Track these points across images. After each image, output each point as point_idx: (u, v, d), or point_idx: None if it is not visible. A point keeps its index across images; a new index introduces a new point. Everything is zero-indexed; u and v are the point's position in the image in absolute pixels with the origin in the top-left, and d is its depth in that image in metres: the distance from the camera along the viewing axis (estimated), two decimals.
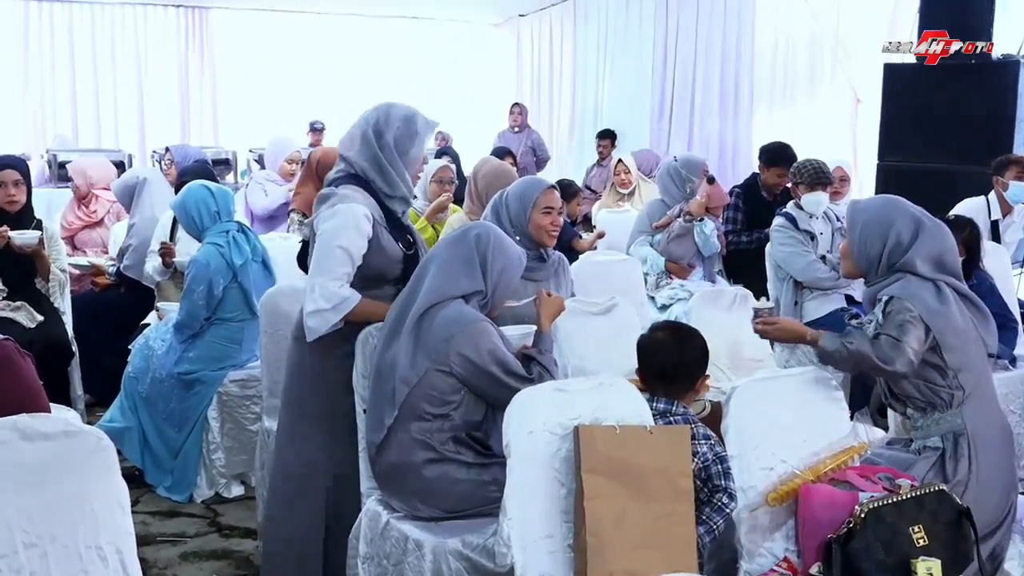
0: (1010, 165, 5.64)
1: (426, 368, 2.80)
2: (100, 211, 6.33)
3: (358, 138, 3.20)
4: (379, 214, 3.15)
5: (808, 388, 2.88)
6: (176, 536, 4.09)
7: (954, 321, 2.93)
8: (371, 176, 3.17)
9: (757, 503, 2.68)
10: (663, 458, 2.52)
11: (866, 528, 2.48)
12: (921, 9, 6.84)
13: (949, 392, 2.92)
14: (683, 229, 5.62)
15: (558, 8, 12.83)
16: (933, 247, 3.00)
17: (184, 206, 4.55)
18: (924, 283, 2.96)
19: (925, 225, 3.03)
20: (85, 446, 2.16)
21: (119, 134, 12.16)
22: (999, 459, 2.94)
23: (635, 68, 11.38)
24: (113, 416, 4.51)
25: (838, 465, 2.75)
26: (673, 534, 2.48)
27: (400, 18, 13.36)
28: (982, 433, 2.92)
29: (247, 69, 12.73)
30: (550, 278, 3.72)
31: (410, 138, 3.19)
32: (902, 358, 2.82)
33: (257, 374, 4.22)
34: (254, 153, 9.46)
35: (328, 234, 3.06)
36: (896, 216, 3.04)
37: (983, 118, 6.44)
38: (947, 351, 2.90)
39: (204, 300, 4.34)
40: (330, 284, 3.04)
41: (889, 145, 6.97)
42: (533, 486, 2.48)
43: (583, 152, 11.27)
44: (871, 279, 3.10)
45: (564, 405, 2.53)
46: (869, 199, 3.33)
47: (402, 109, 3.23)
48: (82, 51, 12.05)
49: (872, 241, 3.04)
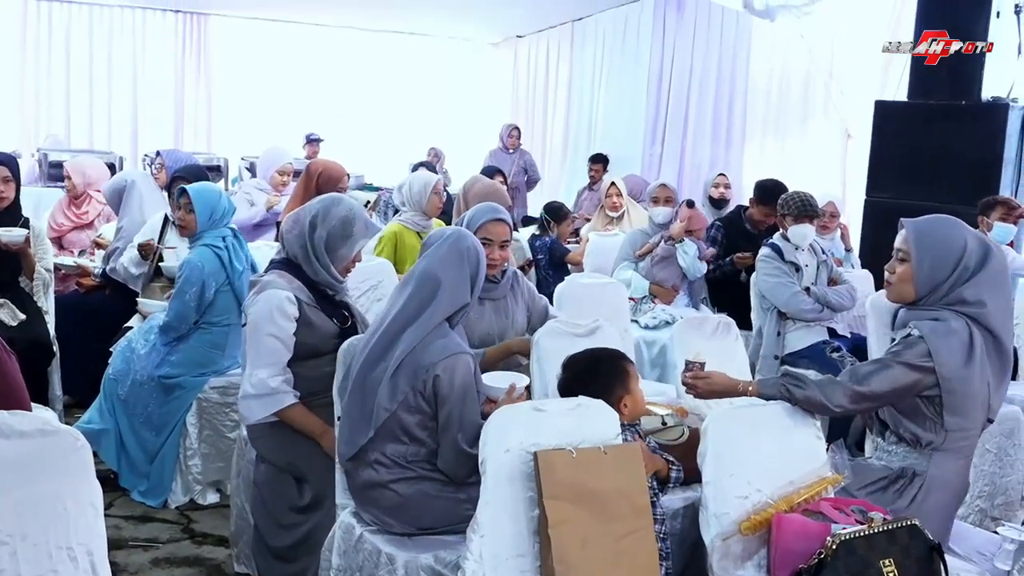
0: (996, 206, 5.71)
1: (405, 394, 2.82)
2: (91, 213, 6.31)
3: (298, 223, 3.38)
4: (307, 295, 3.32)
5: (785, 418, 2.88)
6: (148, 541, 4.07)
7: (972, 386, 2.85)
8: (300, 262, 3.36)
9: (730, 531, 2.67)
10: (620, 477, 2.53)
11: (837, 560, 2.48)
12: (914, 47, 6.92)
13: (929, 439, 2.92)
14: (666, 252, 5.71)
15: (556, 31, 12.91)
16: (996, 273, 2.90)
17: (210, 195, 4.51)
18: (961, 332, 2.83)
19: (992, 251, 2.93)
20: (61, 446, 2.16)
21: (111, 136, 12.14)
22: (940, 512, 2.93)
23: (630, 93, 11.45)
24: (91, 418, 4.50)
25: (812, 496, 2.76)
26: (637, 552, 2.50)
27: (399, 33, 13.41)
28: (939, 484, 2.92)
29: (243, 77, 12.74)
30: (506, 295, 3.79)
31: (343, 239, 3.36)
32: (844, 394, 2.80)
33: (238, 381, 4.20)
34: (246, 161, 9.47)
35: (255, 323, 3.25)
36: (968, 239, 2.92)
37: (971, 159, 6.51)
38: (949, 412, 2.86)
39: (196, 302, 4.33)
40: (260, 373, 3.24)
41: (877, 181, 7.04)
42: (506, 505, 2.48)
43: (575, 174, 11.31)
44: (920, 305, 2.94)
45: (542, 425, 2.54)
46: (931, 218, 3.06)
47: (344, 209, 3.38)
48: (78, 52, 12.04)
49: (943, 267, 2.89)
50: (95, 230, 6.23)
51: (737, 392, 3.03)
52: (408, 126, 13.11)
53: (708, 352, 3.68)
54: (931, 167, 6.64)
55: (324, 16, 12.75)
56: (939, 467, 2.92)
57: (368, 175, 10.54)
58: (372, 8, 12.04)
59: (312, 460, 3.28)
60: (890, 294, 3.07)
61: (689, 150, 10.76)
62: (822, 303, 4.98)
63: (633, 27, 11.53)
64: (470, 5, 11.85)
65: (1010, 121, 6.44)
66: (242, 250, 4.54)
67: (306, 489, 3.35)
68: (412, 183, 5.50)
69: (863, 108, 7.80)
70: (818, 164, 9.20)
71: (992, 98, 6.65)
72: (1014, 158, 6.54)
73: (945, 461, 2.93)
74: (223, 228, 4.50)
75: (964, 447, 2.96)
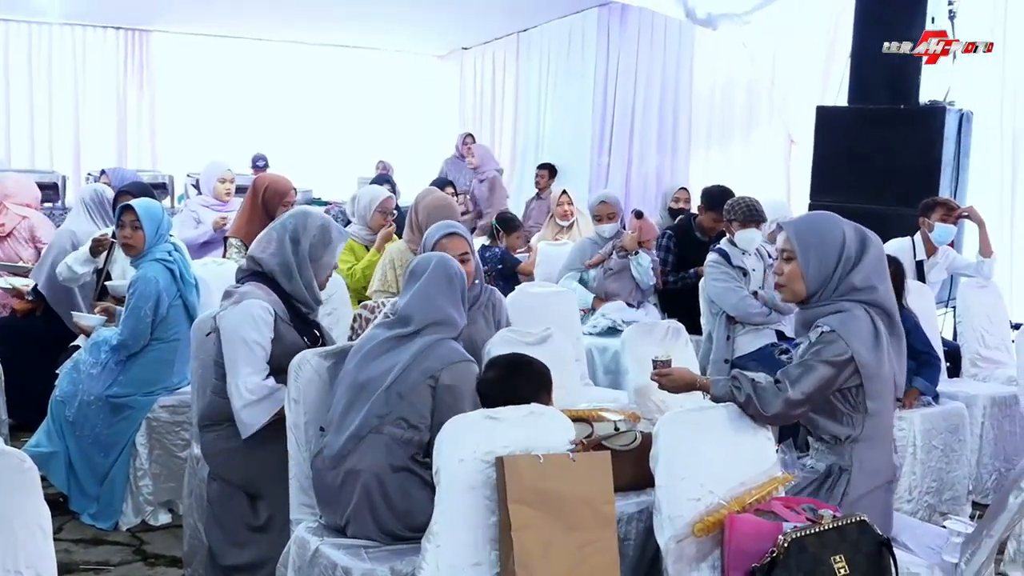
0: (936, 207, 5.82)
1: (418, 382, 2.88)
2: (8, 224, 6.17)
3: (274, 240, 3.41)
4: (282, 310, 3.35)
5: (735, 420, 2.91)
6: (100, 564, 4.01)
7: (883, 368, 2.95)
8: (278, 278, 3.38)
9: (684, 533, 2.70)
10: (586, 486, 2.55)
11: (789, 558, 2.52)
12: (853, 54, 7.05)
13: (846, 433, 2.97)
14: (619, 265, 5.72)
15: (501, 42, 12.95)
16: (876, 258, 3.01)
17: (155, 210, 4.47)
18: (866, 320, 2.94)
19: (868, 237, 3.04)
20: (7, 467, 2.13)
21: (53, 155, 11.93)
22: (874, 503, 2.98)
23: (576, 103, 11.52)
24: (39, 441, 4.42)
25: (763, 496, 2.79)
26: (597, 563, 2.51)
27: (344, 47, 13.35)
28: (866, 474, 2.98)
29: (188, 94, 12.58)
30: (479, 318, 3.79)
31: (324, 246, 3.44)
32: (778, 402, 2.84)
33: (187, 400, 4.17)
34: (191, 178, 9.36)
35: (233, 330, 3.27)
36: (845, 230, 3.01)
37: (911, 162, 6.64)
38: (870, 398, 2.94)
39: (151, 318, 4.29)
40: (252, 378, 3.24)
41: (821, 186, 7.14)
42: (462, 514, 2.48)
43: (523, 185, 11.34)
44: (813, 302, 3.03)
45: (495, 433, 2.54)
46: (808, 217, 3.22)
47: (318, 218, 3.49)
48: (17, 70, 11.83)
49: (828, 260, 2.98)
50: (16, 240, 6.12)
51: (696, 387, 3.12)
52: (356, 140, 13.04)
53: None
54: (873, 171, 6.76)
55: (268, 31, 12.66)
56: (861, 458, 2.98)
57: (316, 190, 10.49)
58: (316, 22, 11.98)
59: (268, 476, 3.25)
60: (784, 295, 3.15)
61: (636, 159, 10.85)
62: (770, 306, 5.04)
63: (578, 38, 11.61)
64: (415, 18, 11.83)
65: (947, 124, 6.59)
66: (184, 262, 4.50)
67: (260, 507, 3.34)
68: (360, 197, 5.50)
69: (805, 114, 7.92)
70: (763, 171, 9.33)
71: (930, 102, 6.80)
72: (952, 160, 6.69)
73: (866, 450, 2.99)
74: (166, 243, 4.46)
75: (882, 433, 3.05)
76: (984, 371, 5.39)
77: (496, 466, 2.49)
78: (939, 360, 4.80)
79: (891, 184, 6.64)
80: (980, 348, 5.43)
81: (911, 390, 4.55)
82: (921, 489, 4.55)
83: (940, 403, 4.72)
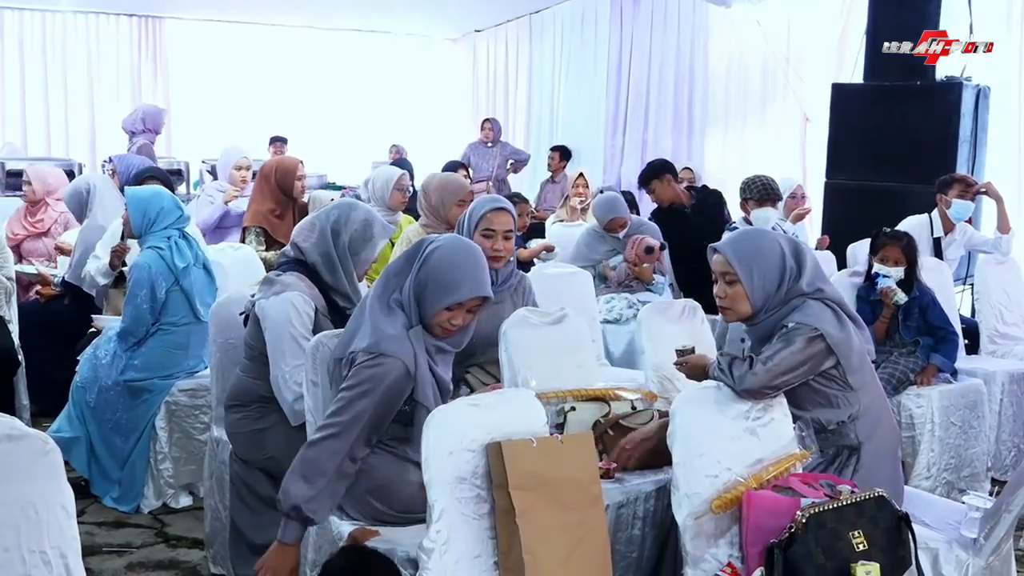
0: (953, 184, 5.78)
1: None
2: (47, 221, 6.22)
3: (316, 230, 3.37)
4: (322, 303, 3.33)
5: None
6: (122, 547, 4.05)
7: (854, 342, 3.00)
8: (320, 269, 3.35)
9: (702, 510, 2.70)
10: (574, 466, 2.55)
11: (807, 533, 2.52)
12: (868, 31, 7.00)
13: (846, 413, 3.00)
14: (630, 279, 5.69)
15: (514, 24, 12.92)
16: (814, 261, 3.07)
17: (140, 200, 4.48)
18: (822, 308, 2.97)
19: (798, 244, 3.11)
20: (30, 450, 2.14)
21: (69, 143, 12.00)
22: (886, 475, 3.03)
23: (590, 84, 11.49)
24: (61, 426, 4.46)
25: (781, 472, 2.79)
26: (592, 541, 2.53)
27: (357, 32, 13.36)
28: (874, 448, 3.02)
29: (202, 80, 12.62)
30: (506, 300, 3.73)
31: (365, 241, 3.39)
32: (750, 377, 2.84)
33: (206, 383, 4.20)
34: (207, 164, 9.38)
35: (279, 323, 3.23)
36: (780, 243, 3.05)
37: (927, 138, 6.58)
38: (851, 373, 2.98)
39: (148, 304, 4.31)
40: (301, 371, 3.17)
41: (837, 164, 7.10)
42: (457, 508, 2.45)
43: (537, 167, 11.34)
44: (761, 316, 3.03)
45: (478, 421, 2.51)
46: (739, 236, 3.20)
47: (363, 212, 3.42)
48: (32, 59, 11.90)
49: (771, 275, 3.00)
50: (52, 238, 6.17)
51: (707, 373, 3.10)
52: (370, 124, 13.05)
53: (676, 336, 3.73)
54: (889, 148, 6.71)
55: (281, 16, 12.66)
56: (866, 430, 3.02)
57: (331, 174, 10.50)
58: (329, 7, 11.98)
59: (290, 457, 3.26)
60: (728, 317, 3.12)
61: (651, 140, 10.81)
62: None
63: (591, 18, 11.56)
64: (427, 1, 11.83)
65: (964, 100, 6.53)
66: (189, 249, 4.49)
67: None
68: (375, 179, 5.51)
69: (820, 92, 7.88)
70: (779, 149, 9.29)
71: (946, 77, 6.74)
72: (969, 136, 6.63)
73: (868, 424, 3.03)
74: (170, 230, 4.45)
75: (878, 403, 3.10)
76: (1002, 347, 5.36)
77: (489, 453, 2.47)
78: (957, 337, 4.77)
79: (908, 161, 6.59)
80: (998, 324, 5.40)
81: (929, 367, 4.54)
82: (939, 466, 4.54)
83: (958, 380, 4.70)
